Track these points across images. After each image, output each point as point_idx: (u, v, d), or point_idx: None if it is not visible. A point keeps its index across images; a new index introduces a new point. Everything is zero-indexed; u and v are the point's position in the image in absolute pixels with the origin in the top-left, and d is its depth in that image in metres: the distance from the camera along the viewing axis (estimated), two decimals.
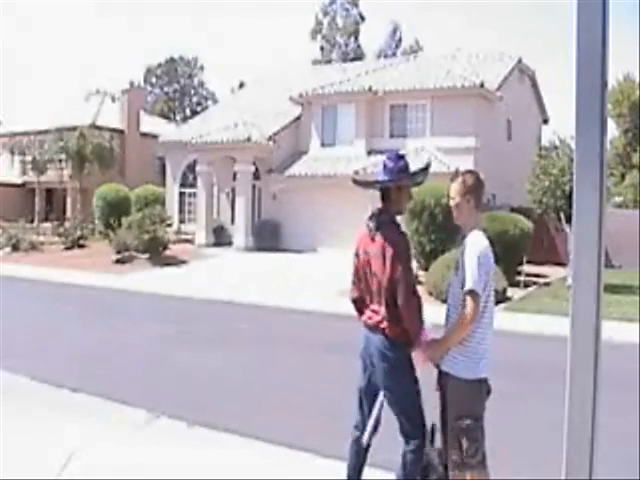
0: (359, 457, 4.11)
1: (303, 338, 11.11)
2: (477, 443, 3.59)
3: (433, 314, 4.26)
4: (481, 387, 3.66)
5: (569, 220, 16.17)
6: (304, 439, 5.56)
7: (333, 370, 8.57)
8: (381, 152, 23.44)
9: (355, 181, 4.61)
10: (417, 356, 3.85)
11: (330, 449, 5.20)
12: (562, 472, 1.71)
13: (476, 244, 3.69)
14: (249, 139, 24.09)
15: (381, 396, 3.95)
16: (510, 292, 15.38)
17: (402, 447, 3.90)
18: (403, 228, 4.06)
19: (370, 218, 4.02)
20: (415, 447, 3.83)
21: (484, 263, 3.61)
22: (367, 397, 4.05)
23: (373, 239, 3.89)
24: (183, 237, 25.82)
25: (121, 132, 36.82)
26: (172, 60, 61.73)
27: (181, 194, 28.91)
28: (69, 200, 34.93)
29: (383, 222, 3.93)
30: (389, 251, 3.79)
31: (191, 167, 27.49)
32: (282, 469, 4.88)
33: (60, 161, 33.32)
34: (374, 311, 3.90)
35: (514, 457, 5.38)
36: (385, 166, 4.02)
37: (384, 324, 3.84)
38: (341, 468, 4.33)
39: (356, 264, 4.05)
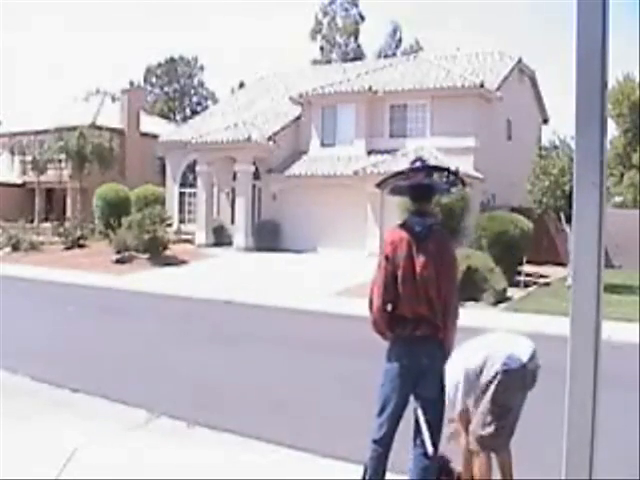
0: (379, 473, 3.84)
1: (303, 338, 11.10)
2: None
3: None
4: None
5: (569, 220, 16.17)
6: (304, 439, 5.55)
7: (331, 370, 8.57)
8: (381, 152, 23.48)
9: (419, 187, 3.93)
10: None
11: (331, 450, 5.20)
12: (562, 472, 1.71)
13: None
14: (249, 139, 24.09)
15: (419, 407, 3.75)
16: (510, 292, 15.38)
17: (422, 459, 3.75)
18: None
19: (411, 222, 3.81)
20: (433, 456, 3.75)
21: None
22: (399, 408, 3.82)
23: (422, 244, 3.67)
24: (183, 237, 25.81)
25: (121, 132, 36.81)
26: (172, 60, 61.72)
27: (181, 194, 28.90)
28: (69, 200, 34.92)
29: (435, 227, 3.81)
30: (448, 258, 3.68)
31: (191, 167, 27.48)
32: (282, 469, 4.87)
33: (60, 161, 33.31)
34: (424, 318, 3.66)
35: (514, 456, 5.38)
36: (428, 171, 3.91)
37: (442, 333, 3.68)
38: (341, 468, 4.33)
39: (391, 268, 3.70)
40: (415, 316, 3.68)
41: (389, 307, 3.73)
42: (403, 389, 3.78)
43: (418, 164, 3.94)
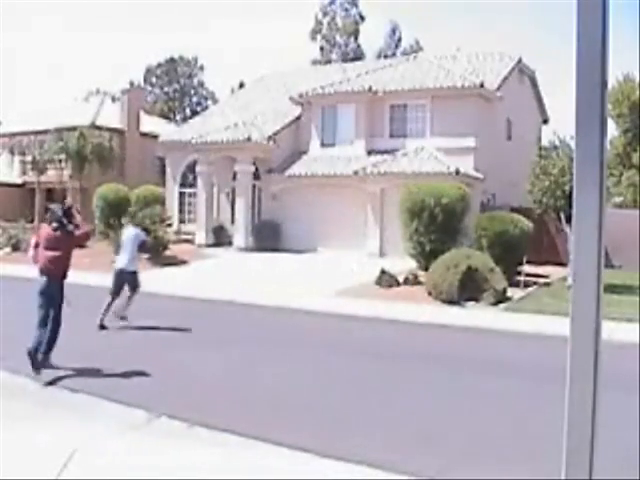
0: None
1: (303, 338, 11.10)
2: None
3: (433, 314, 4.27)
4: None
5: (569, 220, 16.17)
6: (304, 439, 5.56)
7: (330, 370, 8.58)
8: (381, 152, 23.49)
9: None
10: None
11: (333, 449, 5.21)
12: (562, 472, 1.71)
13: None
14: (249, 139, 24.09)
15: None
16: (510, 292, 15.37)
17: None
18: (402, 228, 3.99)
19: None
20: None
21: None
22: None
23: None
24: (183, 237, 25.81)
25: (121, 132, 36.82)
26: (172, 60, 61.74)
27: (181, 194, 28.90)
28: (69, 200, 34.89)
29: None
30: None
31: (191, 167, 27.49)
32: (282, 469, 4.88)
33: (60, 161, 33.31)
34: None
35: (513, 455, 5.39)
36: None
37: None
38: (341, 468, 4.33)
39: None
40: None
41: None
42: None
43: None
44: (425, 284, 15.91)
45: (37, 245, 8.00)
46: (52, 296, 7.60)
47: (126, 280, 11.04)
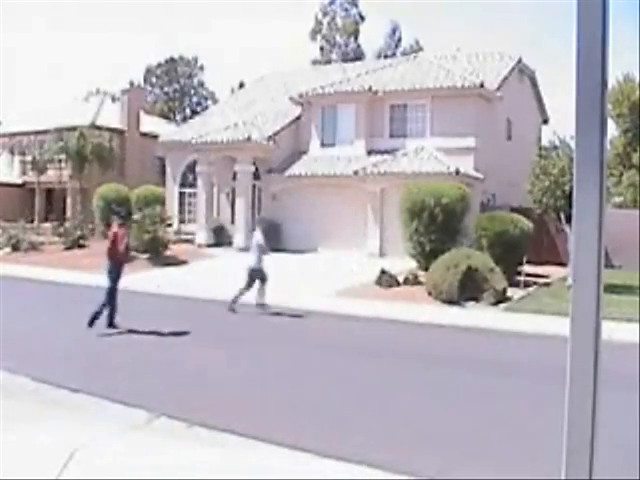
0: None
1: (303, 338, 11.10)
2: None
3: (433, 314, 4.27)
4: None
5: (569, 220, 16.16)
6: (304, 439, 5.56)
7: (330, 369, 8.58)
8: (381, 152, 23.49)
9: None
10: None
11: (333, 450, 5.20)
12: (562, 472, 1.71)
13: None
14: (249, 139, 24.09)
15: None
16: (510, 292, 15.37)
17: None
18: (402, 228, 4.00)
19: None
20: None
21: None
22: None
23: None
24: (183, 237, 25.80)
25: (121, 132, 36.83)
26: (172, 60, 61.75)
27: (181, 194, 28.89)
28: (69, 200, 34.93)
29: None
30: None
31: (191, 167, 27.48)
32: (282, 469, 4.87)
33: (60, 161, 33.32)
34: None
35: (512, 454, 5.38)
36: None
37: None
38: (341, 468, 4.33)
39: None
40: None
41: None
42: None
43: None
44: (425, 284, 15.91)
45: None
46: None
47: (256, 277, 13.25)
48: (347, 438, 5.72)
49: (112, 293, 10.62)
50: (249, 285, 13.31)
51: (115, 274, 10.77)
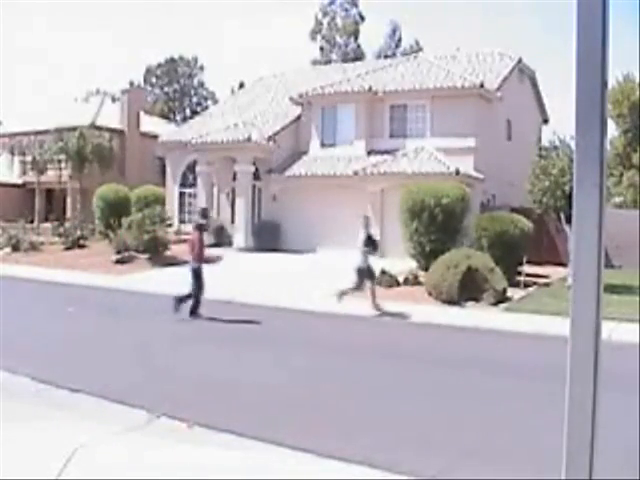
0: None
1: (303, 338, 11.10)
2: None
3: (433, 314, 4.26)
4: None
5: (569, 220, 16.15)
6: (305, 439, 5.56)
7: (330, 369, 8.58)
8: (381, 152, 23.48)
9: None
10: None
11: (333, 449, 5.20)
12: (562, 472, 1.71)
13: None
14: (249, 139, 24.09)
15: None
16: (510, 292, 15.37)
17: None
18: (402, 228, 4.01)
19: None
20: None
21: None
22: None
23: None
24: (183, 237, 25.75)
25: (121, 132, 36.84)
26: (172, 60, 61.75)
27: (181, 194, 28.90)
28: (69, 200, 34.93)
29: None
30: None
31: (191, 167, 27.49)
32: (282, 469, 4.87)
33: (60, 161, 33.32)
34: None
35: (512, 454, 5.39)
36: None
37: None
38: (341, 468, 4.33)
39: None
40: None
41: None
42: None
43: None
44: (425, 284, 15.90)
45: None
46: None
47: (366, 276, 13.56)
48: (347, 437, 5.72)
49: (198, 286, 12.10)
50: (360, 282, 13.55)
51: (198, 271, 12.41)
